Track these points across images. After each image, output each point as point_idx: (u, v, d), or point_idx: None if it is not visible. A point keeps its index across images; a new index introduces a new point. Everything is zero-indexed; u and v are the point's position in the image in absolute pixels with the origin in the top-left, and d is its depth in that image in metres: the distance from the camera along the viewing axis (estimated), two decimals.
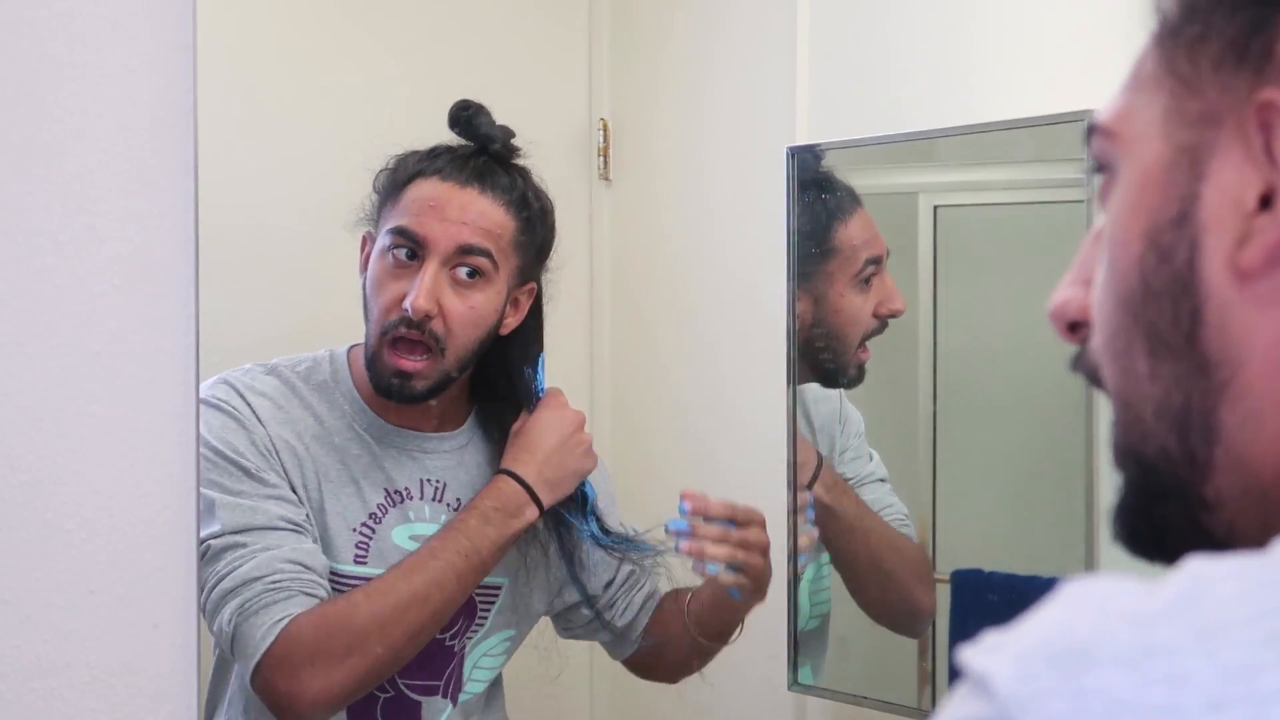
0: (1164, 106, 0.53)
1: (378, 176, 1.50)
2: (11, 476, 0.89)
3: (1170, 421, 0.51)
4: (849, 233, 1.74)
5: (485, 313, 1.45)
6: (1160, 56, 0.54)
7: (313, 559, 1.40)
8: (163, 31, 0.94)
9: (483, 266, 1.44)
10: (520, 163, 1.51)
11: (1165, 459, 0.52)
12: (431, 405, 1.50)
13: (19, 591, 0.89)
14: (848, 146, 1.75)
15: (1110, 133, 0.55)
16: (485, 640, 1.55)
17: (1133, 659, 0.40)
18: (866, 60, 1.83)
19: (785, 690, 1.79)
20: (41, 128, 0.89)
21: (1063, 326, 0.58)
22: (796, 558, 1.74)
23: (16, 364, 0.89)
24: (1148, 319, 0.52)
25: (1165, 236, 0.51)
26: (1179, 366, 0.51)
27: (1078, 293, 0.57)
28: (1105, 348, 0.54)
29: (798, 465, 1.75)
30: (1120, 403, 0.54)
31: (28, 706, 0.90)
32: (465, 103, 1.50)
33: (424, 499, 1.51)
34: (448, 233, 1.42)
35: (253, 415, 1.44)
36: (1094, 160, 0.57)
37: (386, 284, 1.44)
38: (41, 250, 0.89)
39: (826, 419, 1.79)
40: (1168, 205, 0.51)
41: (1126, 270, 0.53)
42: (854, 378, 1.75)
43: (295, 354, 1.53)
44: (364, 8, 2.00)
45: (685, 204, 2.08)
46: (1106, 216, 0.55)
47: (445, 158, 1.47)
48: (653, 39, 2.12)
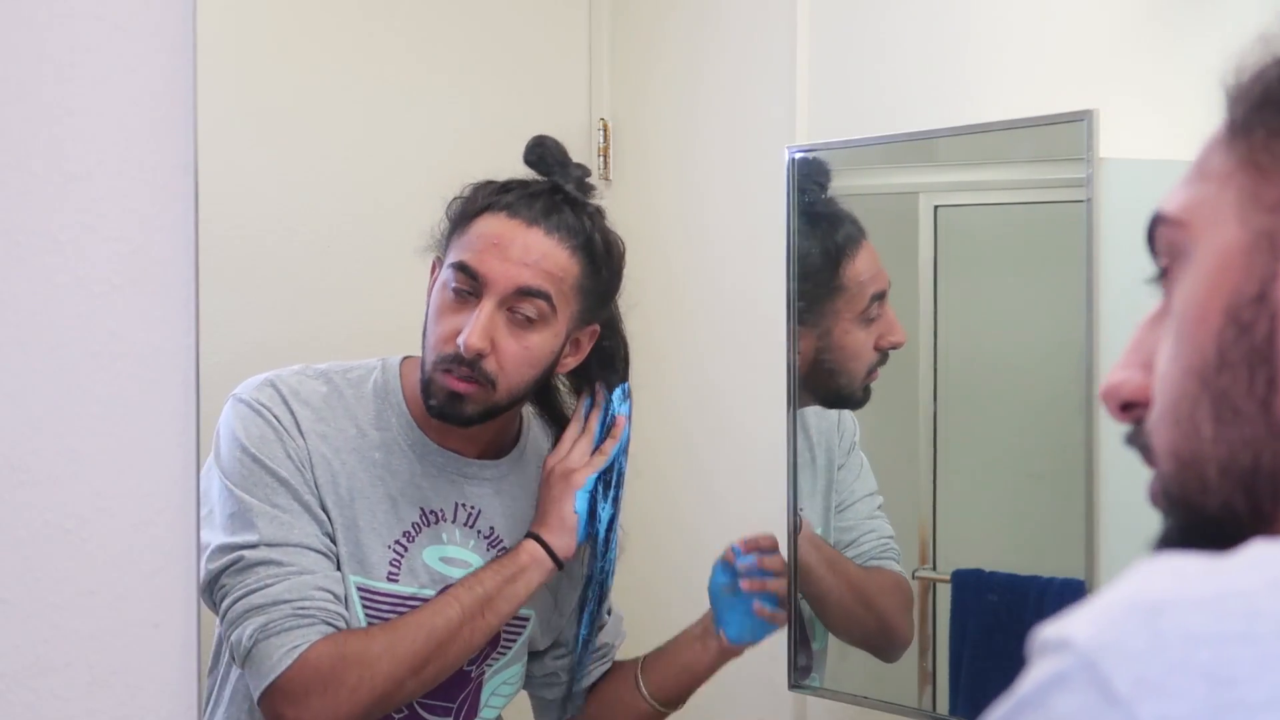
0: (1238, 195, 0.57)
1: (451, 204, 1.48)
2: (11, 476, 0.89)
3: (1237, 480, 0.55)
4: (856, 269, 1.71)
5: (541, 354, 1.44)
6: (1231, 150, 0.58)
7: (340, 587, 1.41)
8: (163, 31, 0.94)
9: (541, 310, 1.42)
10: (594, 203, 1.49)
11: (1228, 512, 0.56)
12: (475, 433, 1.49)
13: (19, 591, 0.89)
14: (848, 146, 1.75)
15: (1180, 223, 0.59)
16: (505, 670, 1.55)
17: (1207, 602, 0.44)
18: (866, 60, 1.83)
19: (785, 690, 1.79)
20: (41, 128, 0.89)
21: (1115, 406, 0.62)
22: (795, 565, 1.74)
23: (16, 364, 0.89)
24: (1219, 387, 0.56)
25: (1246, 312, 0.55)
26: (1249, 430, 0.55)
27: (1134, 375, 0.61)
28: (1166, 413, 0.58)
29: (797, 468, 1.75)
30: (1177, 462, 0.58)
31: (28, 706, 0.90)
32: (540, 138, 1.48)
33: (456, 523, 1.50)
34: (507, 273, 1.40)
35: (294, 423, 1.43)
36: (1160, 249, 0.61)
37: (445, 316, 1.43)
38: (41, 250, 0.89)
39: (826, 431, 1.78)
40: (1249, 284, 0.56)
41: (1203, 343, 0.57)
42: (860, 400, 1.75)
43: (346, 360, 1.53)
44: (363, 8, 2.00)
45: (685, 204, 2.08)
46: (1177, 296, 0.59)
47: (516, 193, 1.45)
48: (653, 39, 2.12)
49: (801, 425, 1.76)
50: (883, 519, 1.74)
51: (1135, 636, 0.43)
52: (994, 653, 1.58)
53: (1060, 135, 1.48)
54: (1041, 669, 0.45)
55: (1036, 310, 1.62)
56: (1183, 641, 0.43)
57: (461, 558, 1.50)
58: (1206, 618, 0.43)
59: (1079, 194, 1.43)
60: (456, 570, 1.49)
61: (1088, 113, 1.41)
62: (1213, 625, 0.43)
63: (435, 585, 1.48)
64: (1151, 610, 0.44)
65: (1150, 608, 0.45)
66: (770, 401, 1.81)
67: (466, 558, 1.50)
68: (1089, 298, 1.41)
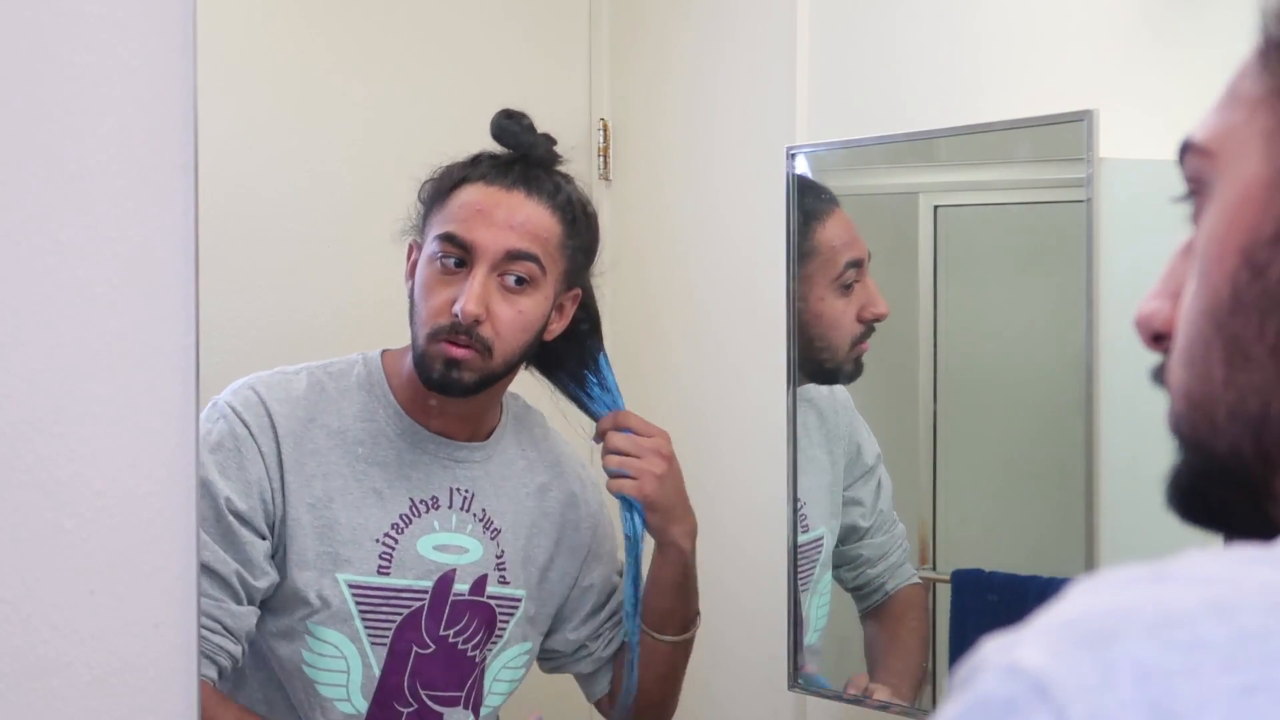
0: (1266, 126, 0.54)
1: (422, 187, 1.50)
2: (11, 476, 0.89)
3: (1245, 425, 0.54)
4: (826, 234, 1.73)
5: (533, 318, 1.46)
6: (1265, 75, 0.55)
7: (235, 621, 1.40)
8: (163, 31, 0.94)
9: (531, 272, 1.44)
10: (563, 169, 1.51)
11: (1236, 456, 0.54)
12: (468, 410, 1.50)
13: (19, 591, 0.89)
14: (848, 146, 1.75)
15: (1207, 152, 0.57)
16: (505, 652, 1.55)
17: (1154, 629, 0.43)
18: (866, 60, 1.83)
19: (785, 690, 1.79)
20: (41, 128, 0.89)
21: (1148, 336, 0.60)
22: (796, 557, 1.74)
23: (16, 364, 0.89)
24: (1231, 330, 0.54)
25: (1261, 253, 0.53)
26: (1258, 376, 0.53)
27: (1164, 305, 0.59)
28: (1182, 353, 0.56)
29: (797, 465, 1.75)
30: (1188, 402, 0.56)
31: (28, 706, 0.90)
32: (507, 111, 1.50)
33: (452, 508, 1.51)
34: (495, 238, 1.43)
35: (268, 426, 1.43)
36: (1187, 178, 0.58)
37: (436, 289, 1.44)
38: (41, 250, 0.89)
39: (840, 431, 1.78)
40: (1266, 224, 0.53)
41: (1218, 282, 0.54)
42: (851, 373, 1.74)
43: (329, 358, 1.53)
44: (364, 8, 2.00)
45: (686, 204, 2.08)
46: (1200, 231, 0.56)
47: (488, 164, 1.47)
48: (653, 39, 2.12)
49: (815, 422, 1.76)
50: (902, 538, 1.75)
51: (1087, 669, 0.43)
52: None
53: (1060, 135, 1.48)
54: (988, 688, 0.44)
55: (1036, 310, 1.62)
56: (1133, 675, 0.42)
57: (457, 544, 1.50)
58: (1153, 648, 0.43)
59: (1079, 194, 1.43)
60: (451, 558, 1.49)
61: (1088, 113, 1.41)
62: (1159, 657, 0.42)
63: (429, 576, 1.48)
64: (1102, 638, 0.43)
65: (1100, 635, 0.44)
66: (773, 396, 1.81)
67: (462, 543, 1.51)
68: (1089, 298, 1.41)
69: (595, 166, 2.15)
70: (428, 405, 1.48)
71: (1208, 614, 0.43)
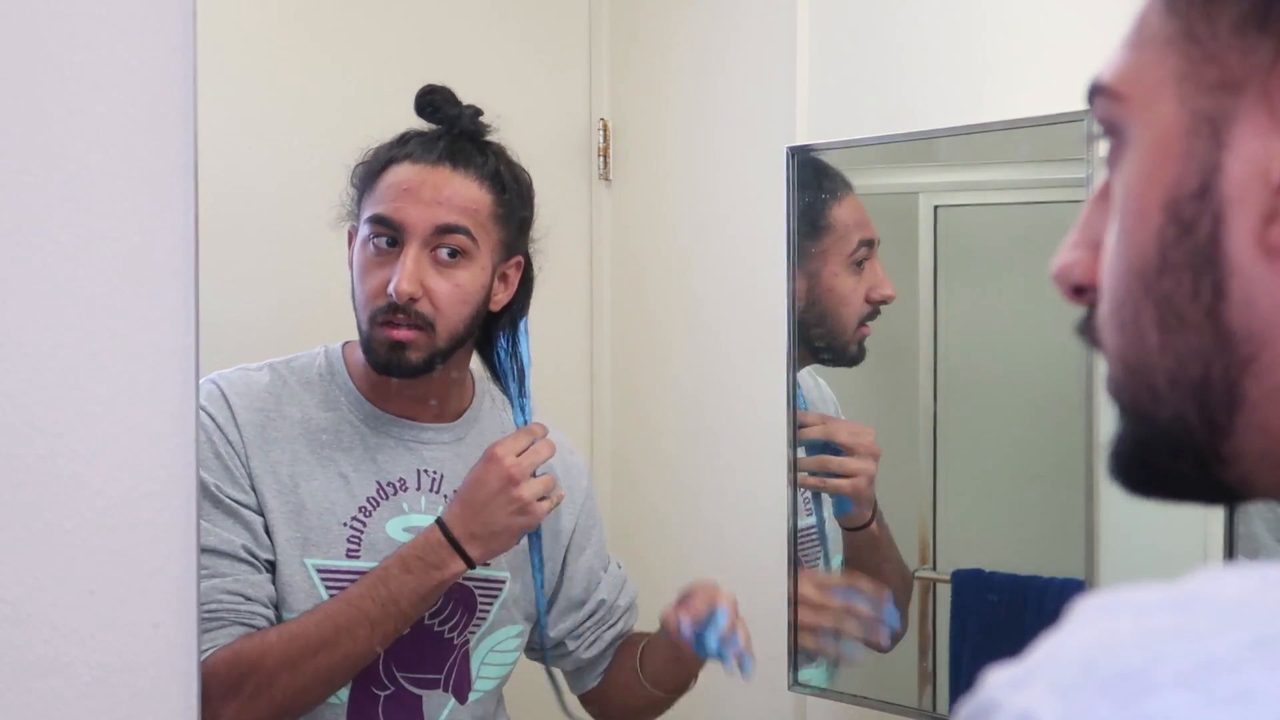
0: (1177, 69, 0.50)
1: (354, 170, 1.52)
2: (11, 476, 0.89)
3: (1187, 391, 0.50)
4: (841, 212, 1.75)
5: (471, 289, 1.46)
6: (1171, 16, 0.51)
7: (256, 590, 1.40)
8: (163, 31, 0.94)
9: (463, 245, 1.45)
10: (492, 139, 1.51)
11: (1180, 424, 0.50)
12: (426, 390, 1.50)
13: (19, 591, 0.89)
14: (848, 146, 1.75)
15: (1116, 94, 0.53)
16: (491, 635, 1.55)
17: (1192, 677, 0.37)
18: (866, 60, 1.83)
19: (785, 690, 1.79)
20: (41, 128, 0.89)
21: (1068, 289, 0.56)
22: (796, 546, 1.74)
23: (16, 364, 0.89)
24: (1161, 291, 0.50)
25: (1187, 209, 0.49)
26: (1196, 340, 0.49)
27: (1083, 255, 0.55)
28: (1112, 315, 0.53)
29: (794, 456, 1.75)
30: (1125, 368, 0.52)
31: (28, 706, 0.90)
32: (429, 86, 1.51)
33: (420, 490, 1.51)
34: (424, 215, 1.43)
35: (230, 418, 1.44)
36: (1099, 120, 0.54)
37: (370, 272, 1.45)
38: (41, 250, 0.89)
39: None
40: (1189, 177, 0.49)
41: (1143, 241, 0.51)
42: (855, 355, 1.75)
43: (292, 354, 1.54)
44: (364, 8, 2.00)
45: (686, 204, 2.08)
46: (1117, 182, 0.53)
47: (415, 141, 1.48)
48: (653, 39, 2.12)
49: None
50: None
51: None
52: (994, 653, 1.58)
53: (1060, 135, 1.48)
54: None
55: (1036, 310, 1.62)
56: None
57: (427, 525, 1.50)
58: (1194, 703, 0.36)
59: (1079, 194, 1.43)
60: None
61: (1088, 113, 1.41)
62: (1203, 715, 0.36)
63: None
64: (1128, 686, 0.37)
65: (1126, 682, 0.37)
66: (774, 397, 1.81)
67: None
68: None
69: (595, 166, 2.15)
70: (387, 389, 1.49)
71: (1254, 658, 0.37)
